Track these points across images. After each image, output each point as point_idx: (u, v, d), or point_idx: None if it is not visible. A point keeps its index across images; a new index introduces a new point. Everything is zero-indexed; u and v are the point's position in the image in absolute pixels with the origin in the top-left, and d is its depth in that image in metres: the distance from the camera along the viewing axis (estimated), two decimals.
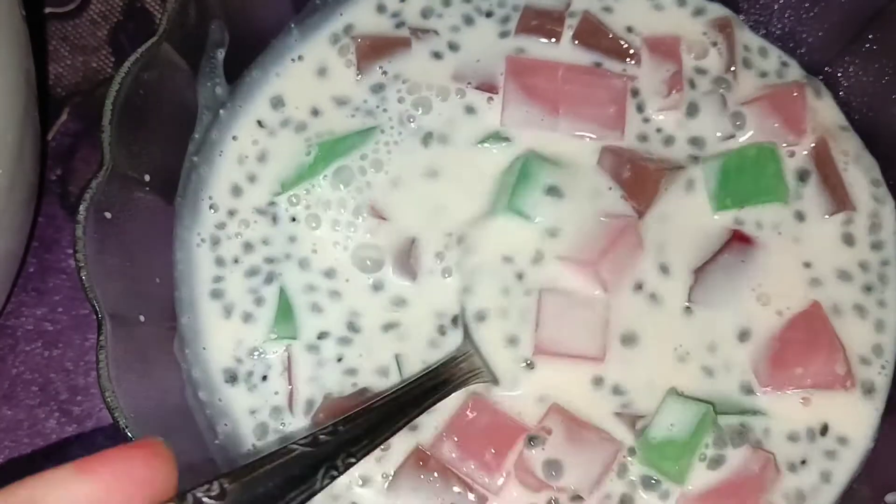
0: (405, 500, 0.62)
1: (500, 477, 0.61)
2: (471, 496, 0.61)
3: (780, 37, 0.71)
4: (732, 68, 0.69)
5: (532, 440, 0.61)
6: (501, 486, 0.61)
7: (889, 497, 0.59)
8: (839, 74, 0.69)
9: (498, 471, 0.61)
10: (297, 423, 0.64)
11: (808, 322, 0.64)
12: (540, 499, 0.61)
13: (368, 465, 0.62)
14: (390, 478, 0.62)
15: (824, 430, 0.64)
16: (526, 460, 0.61)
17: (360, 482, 0.62)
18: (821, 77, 0.70)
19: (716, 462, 0.62)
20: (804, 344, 0.64)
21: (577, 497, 0.61)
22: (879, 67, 0.67)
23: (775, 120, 0.68)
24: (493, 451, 0.61)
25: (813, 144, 0.68)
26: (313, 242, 0.66)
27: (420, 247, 0.66)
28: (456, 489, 0.61)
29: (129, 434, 0.55)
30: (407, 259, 0.65)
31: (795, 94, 0.68)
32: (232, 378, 0.64)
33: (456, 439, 0.61)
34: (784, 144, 0.68)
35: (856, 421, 0.64)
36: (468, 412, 0.62)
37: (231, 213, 0.67)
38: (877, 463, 0.63)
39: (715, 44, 0.70)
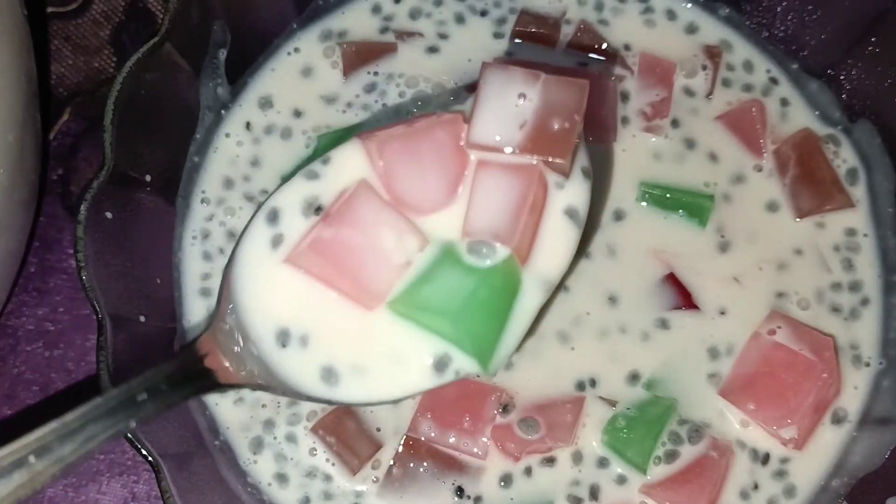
0: (404, 496, 0.62)
1: (482, 438, 0.62)
2: (465, 477, 0.62)
3: (783, 39, 0.71)
4: (710, 96, 0.70)
5: (504, 408, 0.62)
6: (488, 446, 0.62)
7: (891, 501, 0.59)
8: (842, 77, 0.69)
9: (479, 434, 0.62)
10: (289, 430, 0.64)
11: (806, 370, 0.63)
12: (520, 466, 0.63)
13: (366, 470, 0.63)
14: (385, 477, 0.62)
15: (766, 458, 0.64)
16: (503, 427, 0.62)
17: (358, 485, 0.63)
18: (823, 79, 0.70)
19: (671, 456, 0.63)
20: (781, 384, 0.63)
21: (549, 459, 0.63)
22: (882, 70, 0.67)
23: (734, 140, 0.69)
24: (468, 418, 0.62)
25: (773, 165, 0.69)
26: None
27: None
28: (450, 472, 0.62)
29: (128, 434, 0.55)
30: None
31: (754, 111, 0.69)
32: None
33: (430, 416, 0.62)
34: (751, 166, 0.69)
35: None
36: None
37: (220, 201, 0.67)
38: (880, 466, 0.63)
39: (704, 67, 0.70)
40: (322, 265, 0.51)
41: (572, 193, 0.53)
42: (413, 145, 0.52)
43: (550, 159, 0.51)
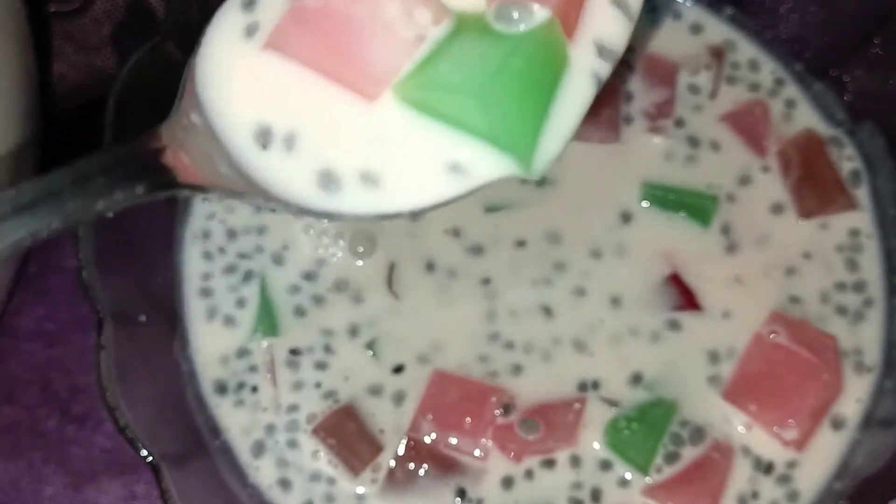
0: (406, 498, 0.62)
1: (483, 439, 0.62)
2: (467, 479, 0.62)
3: (787, 39, 0.71)
4: (715, 95, 0.70)
5: (505, 408, 0.62)
6: (489, 448, 0.62)
7: (895, 503, 0.59)
8: (845, 78, 0.69)
9: (480, 435, 0.62)
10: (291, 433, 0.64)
11: (808, 371, 0.63)
12: (521, 468, 0.63)
13: (368, 473, 0.63)
14: (386, 479, 0.62)
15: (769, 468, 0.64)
16: (504, 428, 0.62)
17: (360, 487, 0.62)
18: (827, 80, 0.70)
19: (672, 458, 0.63)
20: (783, 385, 0.63)
21: (550, 461, 0.63)
22: (886, 71, 0.67)
23: (739, 140, 0.69)
24: (469, 419, 0.62)
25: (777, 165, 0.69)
26: (284, 238, 0.66)
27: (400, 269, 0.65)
28: (451, 475, 0.62)
29: (128, 434, 0.54)
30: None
31: (757, 112, 0.69)
32: (221, 388, 0.64)
33: (431, 417, 0.62)
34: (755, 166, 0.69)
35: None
36: (434, 388, 0.62)
37: (221, 199, 0.67)
38: (883, 467, 0.63)
39: (708, 67, 0.70)
40: (306, 43, 0.39)
41: None
42: None
43: None
